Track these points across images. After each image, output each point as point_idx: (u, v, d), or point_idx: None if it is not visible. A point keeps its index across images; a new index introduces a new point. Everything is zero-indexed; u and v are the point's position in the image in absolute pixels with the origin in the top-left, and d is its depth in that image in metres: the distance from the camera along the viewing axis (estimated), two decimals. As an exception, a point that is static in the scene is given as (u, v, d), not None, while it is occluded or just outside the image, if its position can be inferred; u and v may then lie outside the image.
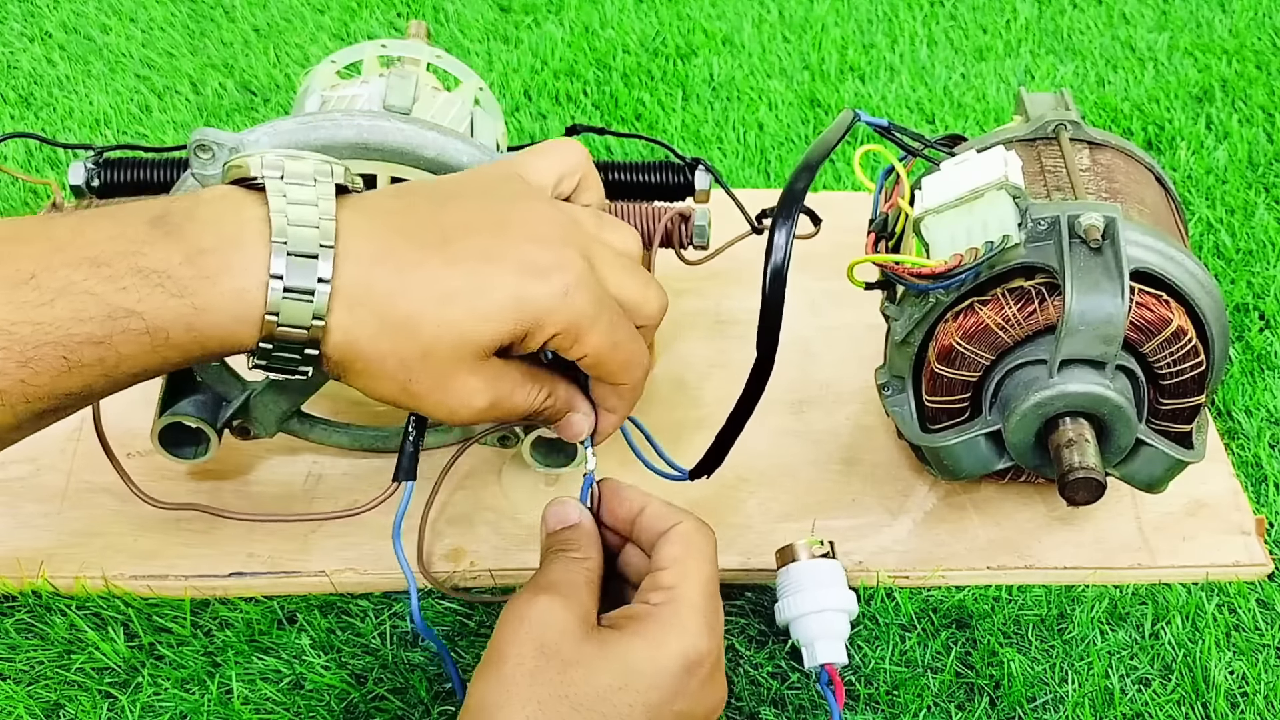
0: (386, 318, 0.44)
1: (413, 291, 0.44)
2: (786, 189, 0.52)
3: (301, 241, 0.43)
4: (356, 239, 0.44)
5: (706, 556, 0.50)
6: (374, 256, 0.44)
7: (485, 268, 0.45)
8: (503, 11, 1.11)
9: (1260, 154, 0.94)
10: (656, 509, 0.51)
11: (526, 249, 0.46)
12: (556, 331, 0.46)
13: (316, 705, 0.58)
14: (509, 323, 0.45)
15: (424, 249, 0.44)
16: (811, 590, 0.58)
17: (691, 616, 0.47)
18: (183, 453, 0.64)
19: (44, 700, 0.59)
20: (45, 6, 1.10)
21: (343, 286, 0.43)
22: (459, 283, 0.44)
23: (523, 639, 0.46)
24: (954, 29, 1.10)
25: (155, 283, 0.41)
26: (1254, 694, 0.60)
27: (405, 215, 0.46)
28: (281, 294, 0.42)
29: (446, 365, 0.45)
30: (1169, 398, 0.60)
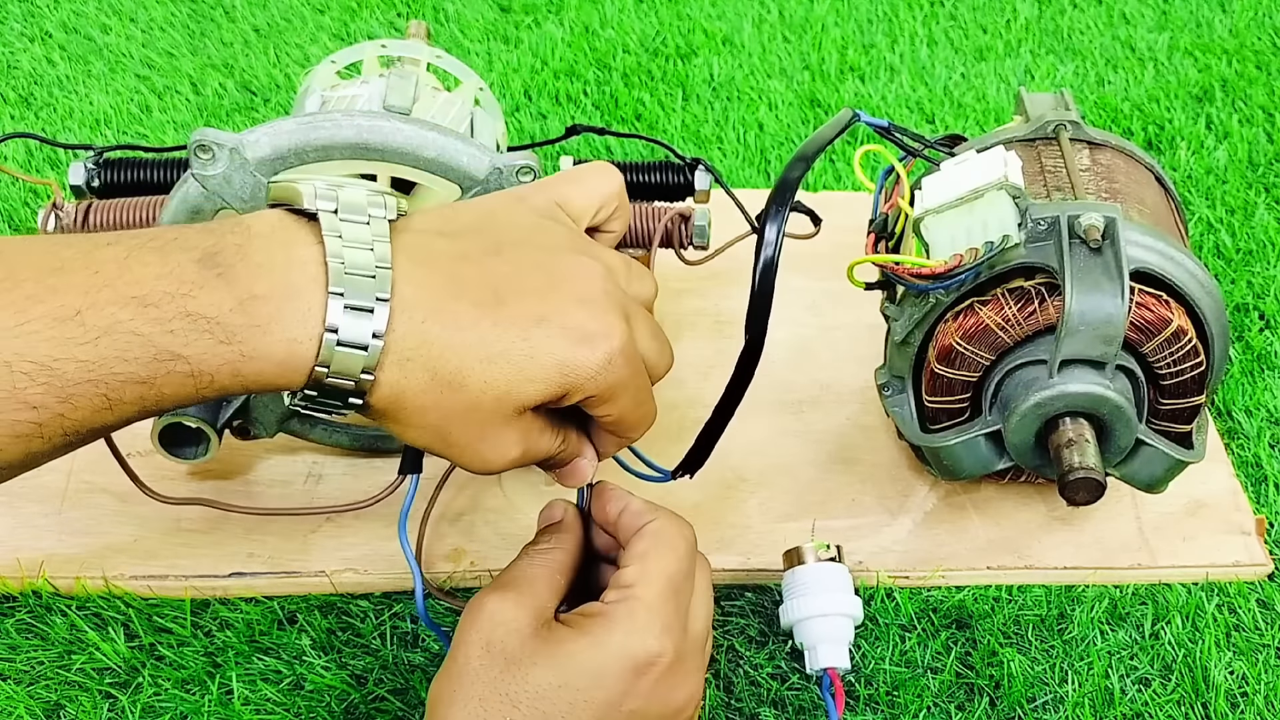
0: (436, 374, 0.43)
1: (464, 351, 0.44)
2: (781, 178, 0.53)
3: (358, 293, 0.42)
4: (411, 290, 0.43)
5: (676, 553, 0.49)
6: (428, 312, 0.43)
7: (535, 331, 0.45)
8: (503, 11, 1.11)
9: (1260, 154, 0.94)
10: (634, 507, 0.52)
11: (574, 314, 0.46)
12: (593, 394, 0.46)
13: (317, 706, 0.58)
14: (553, 385, 0.45)
15: (477, 307, 0.44)
16: (817, 594, 0.58)
17: (645, 615, 0.47)
18: (183, 453, 0.64)
19: (44, 701, 0.59)
20: (45, 6, 1.10)
21: (395, 342, 0.43)
22: (508, 345, 0.44)
23: (472, 637, 0.46)
24: (954, 29, 1.10)
25: (204, 329, 0.40)
26: (1254, 694, 0.60)
27: (458, 265, 0.45)
28: (335, 346, 0.42)
29: (487, 421, 0.45)
30: (1169, 398, 0.60)
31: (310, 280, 0.42)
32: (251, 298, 0.41)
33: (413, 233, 0.46)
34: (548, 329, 0.45)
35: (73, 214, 0.66)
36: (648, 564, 0.49)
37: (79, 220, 0.65)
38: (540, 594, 0.48)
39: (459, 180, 0.58)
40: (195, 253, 0.41)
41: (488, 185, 0.58)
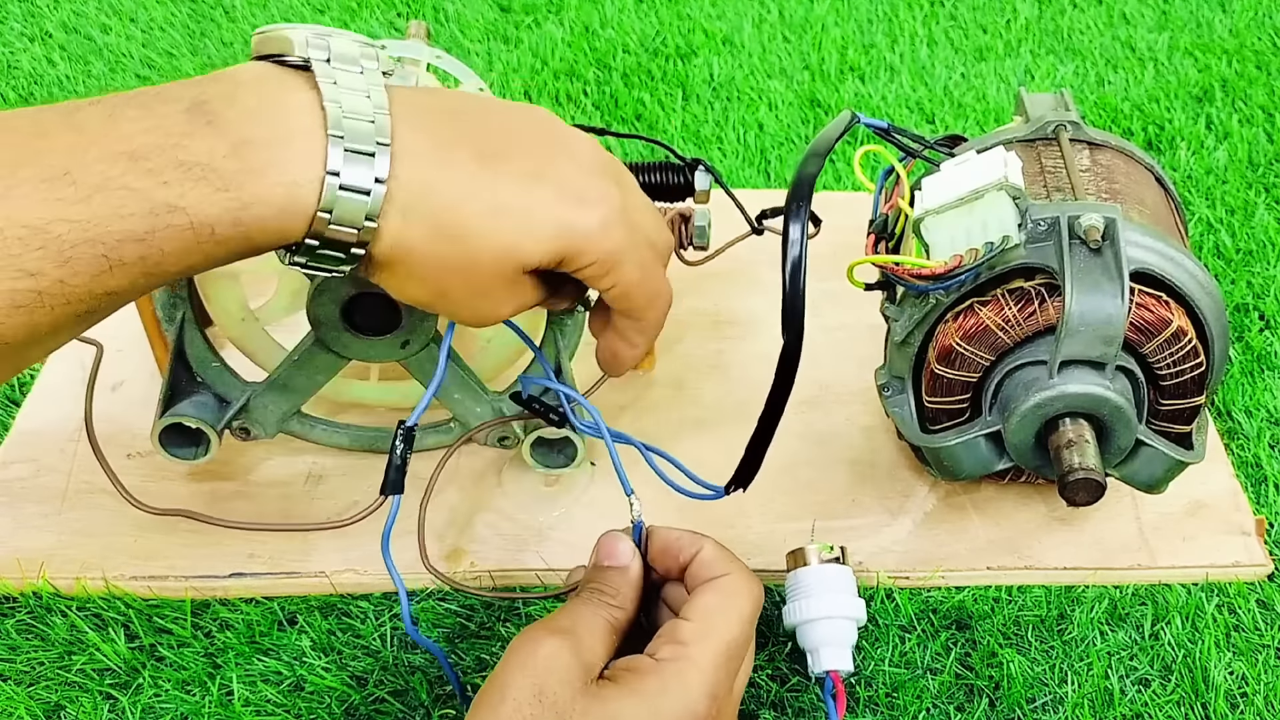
0: (439, 224, 0.43)
1: (466, 201, 0.43)
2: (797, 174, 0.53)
3: (358, 136, 0.41)
4: (411, 137, 0.42)
5: (741, 616, 0.49)
6: (429, 159, 0.43)
7: (535, 187, 0.44)
8: (503, 11, 1.11)
9: (1260, 154, 0.94)
10: (708, 555, 0.51)
11: (572, 175, 0.46)
12: (593, 261, 0.46)
13: (317, 707, 0.59)
14: (551, 243, 0.45)
15: (477, 159, 0.43)
16: (820, 596, 0.57)
17: (697, 681, 0.46)
18: (183, 453, 0.64)
19: (45, 701, 0.59)
20: (45, 6, 1.10)
21: (398, 188, 0.42)
22: (509, 199, 0.44)
23: (524, 681, 0.45)
24: (954, 29, 1.10)
25: (199, 176, 0.39)
26: (1254, 694, 0.60)
27: (456, 119, 0.45)
28: (337, 191, 0.41)
29: (486, 276, 0.45)
30: (1169, 398, 0.60)
31: (307, 124, 0.41)
32: (245, 142, 0.40)
33: (406, 91, 0.45)
34: (545, 187, 0.45)
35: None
36: (711, 624, 0.48)
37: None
38: (596, 650, 0.47)
39: (459, 181, 0.58)
40: (181, 103, 0.40)
41: (488, 186, 0.58)
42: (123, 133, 0.39)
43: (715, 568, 0.50)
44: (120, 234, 0.39)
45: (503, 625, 0.62)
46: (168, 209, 0.39)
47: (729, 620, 0.48)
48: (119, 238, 0.39)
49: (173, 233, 0.39)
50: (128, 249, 0.39)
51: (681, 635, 0.47)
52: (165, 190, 0.39)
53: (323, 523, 0.65)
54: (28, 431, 0.71)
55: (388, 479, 0.53)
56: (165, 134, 0.39)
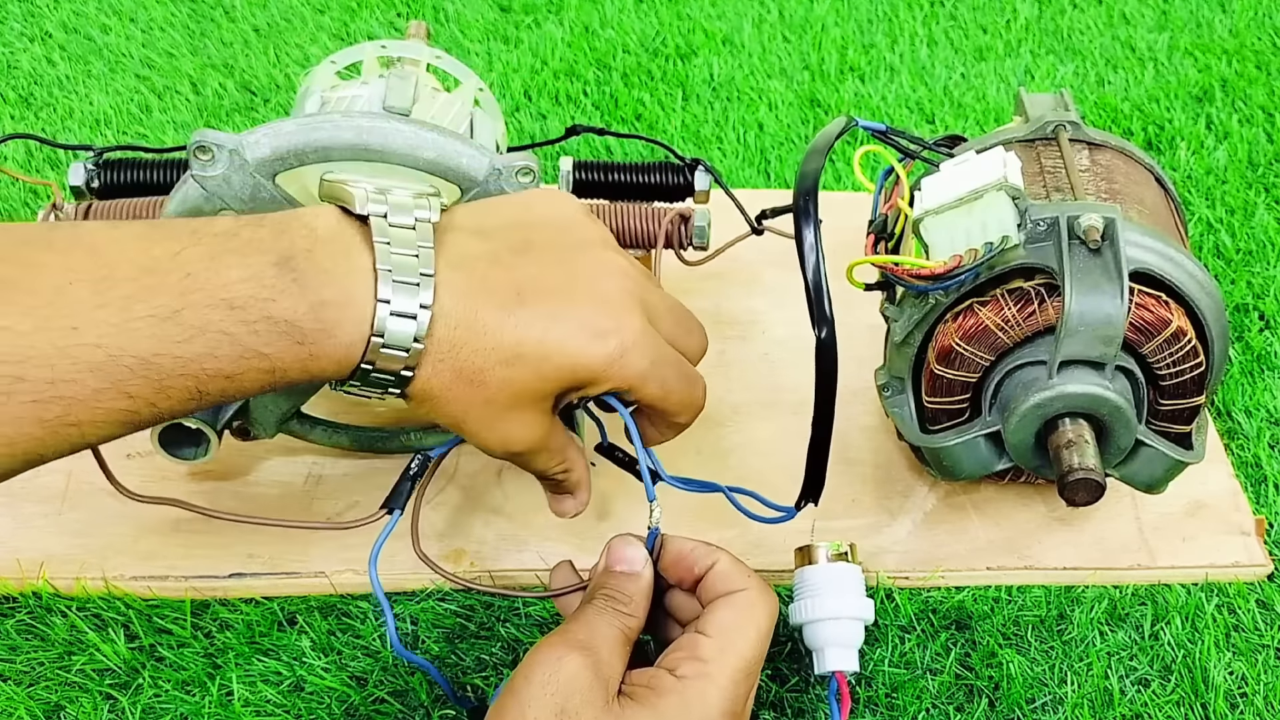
0: (461, 373, 0.47)
1: (487, 354, 0.47)
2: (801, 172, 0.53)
3: (402, 300, 0.46)
4: (451, 299, 0.47)
5: (759, 632, 0.49)
6: (459, 320, 0.47)
7: (554, 328, 0.48)
8: (503, 11, 1.11)
9: (1260, 154, 0.94)
10: (723, 568, 0.51)
11: (589, 312, 0.49)
12: (611, 386, 0.49)
13: (317, 708, 0.59)
14: (566, 379, 0.48)
15: (501, 310, 0.47)
16: (828, 596, 0.56)
17: (717, 699, 0.47)
18: (183, 454, 0.64)
19: (45, 702, 0.59)
20: (45, 6, 1.10)
21: (432, 346, 0.46)
22: (527, 348, 0.47)
23: (546, 699, 0.46)
24: (954, 29, 1.10)
25: (283, 330, 0.44)
26: (1253, 694, 0.60)
27: (489, 269, 0.48)
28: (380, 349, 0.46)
29: (502, 412, 0.49)
30: (1168, 398, 0.60)
31: (365, 291, 0.46)
32: (321, 304, 0.45)
33: (453, 231, 0.49)
34: (564, 326, 0.48)
35: (72, 215, 0.66)
36: (730, 641, 0.48)
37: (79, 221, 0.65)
38: (614, 664, 0.48)
39: (458, 181, 0.58)
40: (272, 255, 0.45)
41: (487, 186, 0.58)
42: (224, 280, 0.44)
43: (732, 581, 0.50)
44: (213, 371, 0.44)
45: (502, 625, 0.62)
46: (255, 355, 0.44)
47: (747, 637, 0.49)
48: (211, 374, 0.44)
49: (254, 373, 0.45)
50: (216, 383, 0.44)
51: (702, 652, 0.48)
52: (255, 339, 0.44)
53: (317, 523, 0.65)
54: (28, 432, 0.71)
55: (394, 493, 0.54)
56: (259, 286, 0.44)
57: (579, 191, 0.71)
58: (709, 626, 0.49)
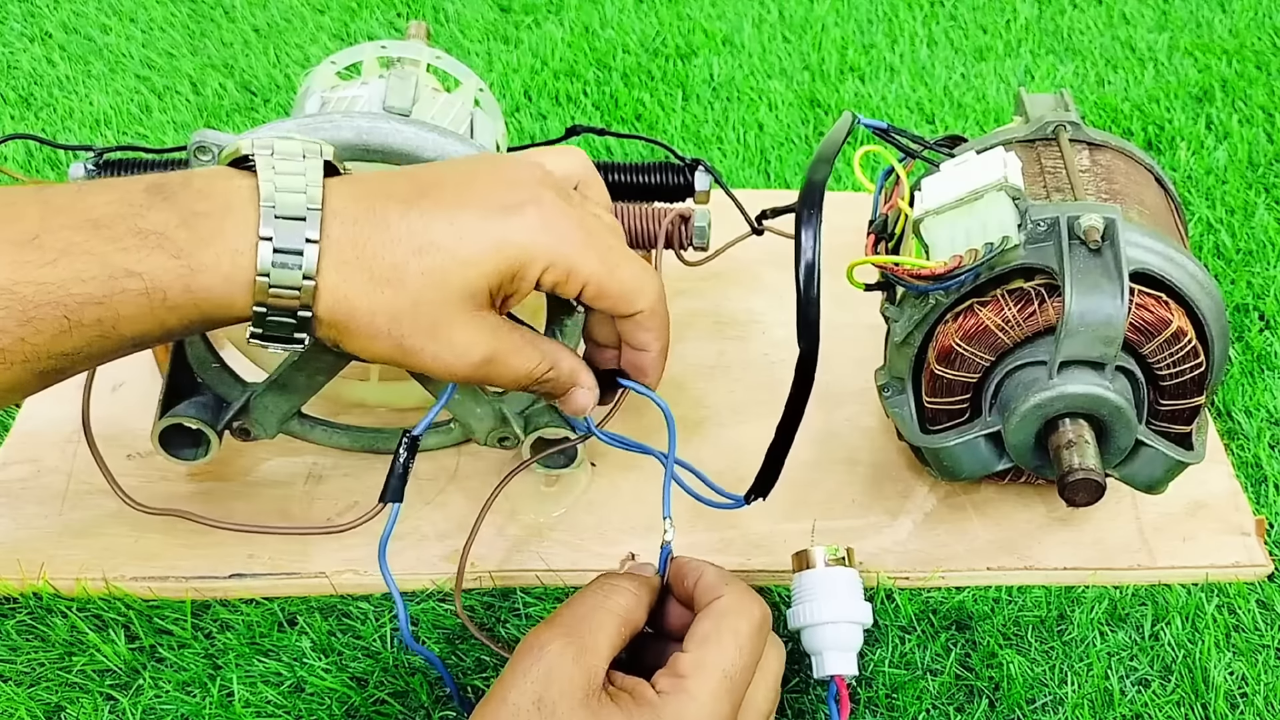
0: (374, 272, 0.44)
1: (395, 244, 0.44)
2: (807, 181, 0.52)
3: (289, 206, 0.44)
4: (342, 201, 0.45)
5: (737, 640, 0.47)
6: (358, 216, 0.45)
7: (460, 213, 0.45)
8: (503, 11, 1.11)
9: (1260, 154, 0.94)
10: (707, 579, 0.50)
11: (499, 191, 0.46)
12: (545, 265, 0.46)
13: (318, 708, 0.59)
14: (492, 264, 0.45)
15: (403, 203, 0.45)
16: (826, 600, 0.57)
17: (694, 713, 0.45)
18: (183, 454, 0.64)
19: (45, 702, 0.59)
20: (45, 6, 1.10)
21: (330, 246, 0.44)
22: (438, 231, 0.45)
23: (526, 688, 0.45)
24: (954, 29, 1.10)
25: (154, 243, 0.42)
26: (1254, 695, 0.60)
27: (388, 180, 0.47)
28: (271, 255, 0.43)
29: (437, 315, 0.45)
30: (1169, 399, 0.60)
31: (246, 200, 0.44)
32: (194, 214, 0.43)
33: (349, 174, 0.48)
34: (470, 209, 0.45)
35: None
36: (706, 653, 0.47)
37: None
38: (599, 650, 0.47)
39: (459, 182, 0.58)
40: (143, 183, 0.44)
41: (487, 187, 0.58)
42: (88, 204, 0.42)
43: (711, 591, 0.50)
44: (81, 296, 0.41)
45: (503, 626, 0.63)
46: (125, 273, 0.42)
47: (723, 646, 0.47)
48: (80, 300, 0.42)
49: (129, 297, 0.42)
50: (87, 311, 0.42)
51: (679, 667, 0.47)
52: (124, 255, 0.42)
53: (320, 526, 0.65)
54: (28, 432, 0.71)
55: (388, 486, 0.53)
56: (127, 205, 0.42)
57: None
58: (689, 641, 0.48)
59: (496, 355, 0.47)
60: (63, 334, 0.42)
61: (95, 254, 0.41)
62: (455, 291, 0.45)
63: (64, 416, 0.71)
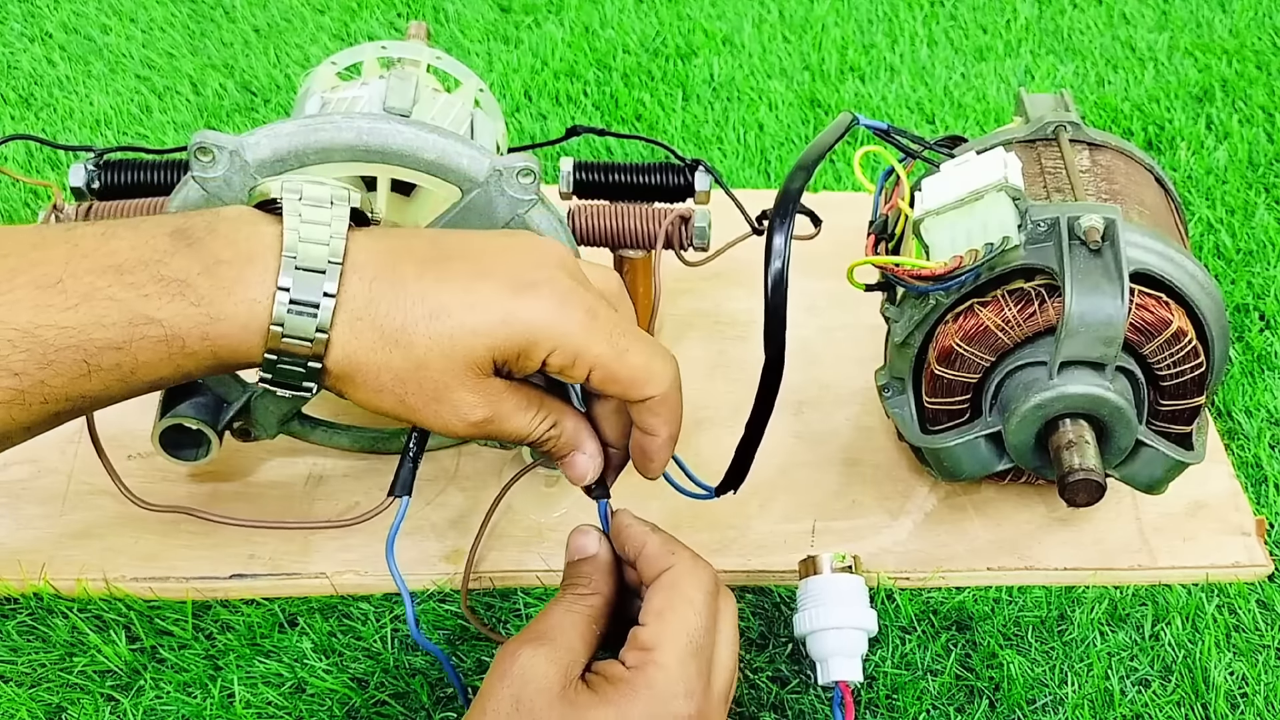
0: (384, 331, 0.45)
1: (408, 306, 0.45)
2: (782, 189, 0.52)
3: (310, 257, 0.44)
4: (364, 255, 0.45)
5: (694, 606, 0.48)
6: (376, 272, 0.45)
7: (478, 283, 0.46)
8: (503, 11, 1.11)
9: (1260, 154, 0.94)
10: (651, 550, 0.50)
11: (518, 267, 0.47)
12: (551, 347, 0.46)
13: (318, 709, 0.59)
14: (499, 338, 0.45)
15: (422, 265, 0.46)
16: (832, 606, 0.57)
17: (665, 682, 0.46)
18: (184, 454, 0.64)
19: (46, 703, 0.59)
20: (45, 6, 1.10)
21: (346, 301, 0.44)
22: (451, 298, 0.45)
23: (503, 693, 0.46)
24: (954, 29, 1.10)
25: (175, 291, 0.42)
26: (1254, 695, 0.60)
27: (411, 238, 0.47)
28: (288, 306, 0.44)
29: (440, 379, 0.46)
30: (1169, 399, 0.60)
31: (268, 249, 0.44)
32: (217, 263, 0.43)
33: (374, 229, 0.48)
34: (488, 281, 0.46)
35: (73, 216, 0.66)
36: (665, 623, 0.47)
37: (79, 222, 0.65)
38: (574, 647, 0.47)
39: (458, 182, 0.58)
40: (167, 227, 0.44)
41: (487, 187, 0.58)
42: (112, 248, 0.43)
43: (659, 562, 0.50)
44: (101, 341, 0.42)
45: (503, 627, 0.63)
46: (145, 320, 0.42)
47: (682, 615, 0.48)
48: (100, 344, 0.42)
49: (148, 343, 0.43)
50: (106, 355, 0.42)
51: (642, 640, 0.47)
52: (145, 302, 0.42)
53: (325, 521, 0.65)
54: (28, 433, 0.71)
55: (398, 479, 0.53)
56: (151, 250, 0.43)
57: (579, 192, 0.71)
58: (644, 615, 0.48)
59: (496, 415, 0.48)
60: (81, 377, 0.42)
61: (117, 300, 0.42)
62: (460, 359, 0.45)
63: (64, 417, 0.71)
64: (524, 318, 0.46)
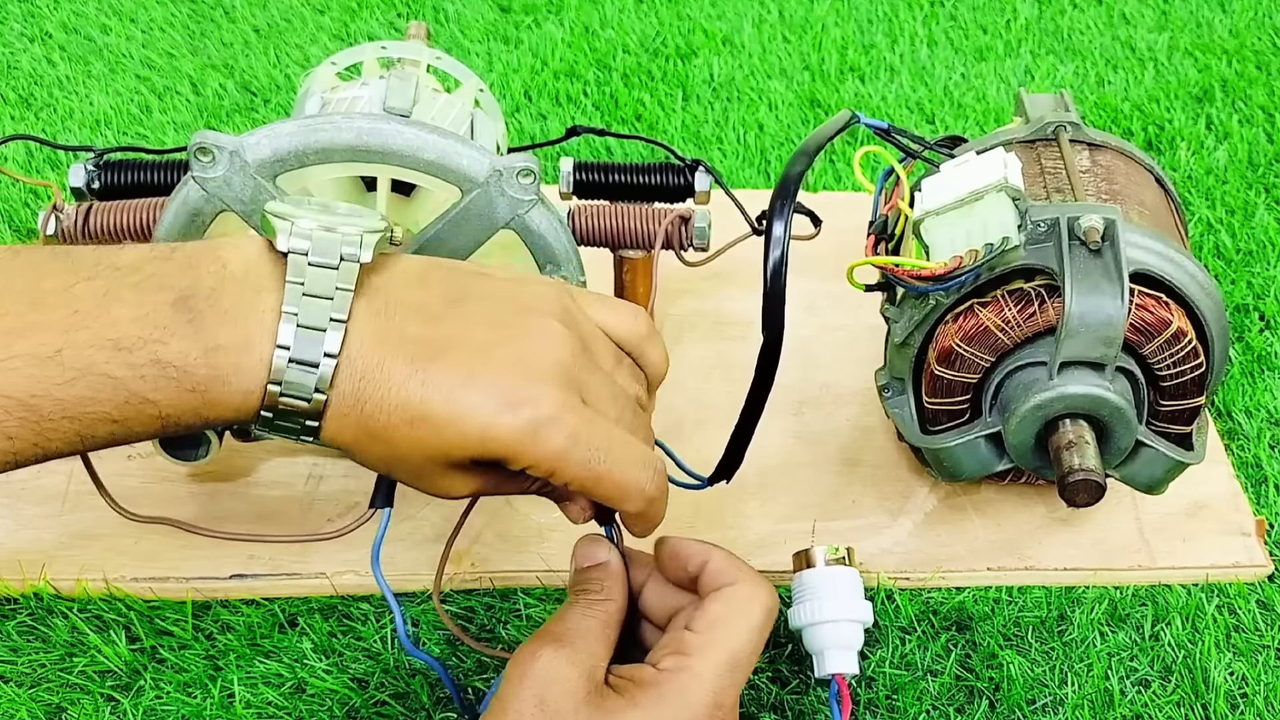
0: (367, 429, 0.44)
1: (390, 412, 0.44)
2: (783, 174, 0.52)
3: (305, 348, 0.43)
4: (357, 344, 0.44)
5: (749, 625, 0.48)
6: (364, 371, 0.44)
7: (460, 392, 0.44)
8: (503, 12, 1.11)
9: (1260, 154, 0.94)
10: (719, 564, 0.50)
11: (506, 376, 0.45)
12: (529, 464, 0.45)
13: (318, 710, 0.59)
14: (474, 451, 0.45)
15: (411, 364, 0.44)
16: (826, 599, 0.57)
17: (697, 690, 0.46)
18: (183, 455, 0.64)
19: (46, 704, 0.59)
20: (45, 6, 1.10)
21: (336, 398, 0.44)
22: (431, 408, 0.44)
23: (525, 694, 0.45)
24: (954, 29, 1.10)
25: (172, 376, 0.42)
26: (1254, 695, 0.60)
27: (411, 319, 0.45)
28: (279, 396, 0.43)
29: (423, 469, 0.46)
30: (1169, 399, 0.60)
31: (267, 330, 0.43)
32: (216, 348, 0.42)
33: (388, 273, 0.46)
34: (473, 391, 0.44)
35: (73, 216, 0.66)
36: (715, 635, 0.47)
37: (79, 222, 0.65)
38: (594, 651, 0.47)
39: (458, 182, 0.58)
40: (171, 293, 0.43)
41: (488, 187, 0.58)
42: (113, 318, 0.42)
43: (724, 577, 0.50)
44: (96, 415, 0.42)
45: (504, 628, 0.63)
46: (141, 400, 0.42)
47: (734, 630, 0.48)
48: (95, 418, 0.42)
49: (142, 419, 0.43)
50: (100, 427, 0.42)
51: (685, 646, 0.47)
52: (141, 384, 0.42)
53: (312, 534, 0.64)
54: (28, 433, 0.71)
55: (378, 492, 0.53)
56: (151, 326, 0.42)
57: (579, 192, 0.71)
58: (697, 621, 0.48)
59: (485, 488, 0.48)
60: (74, 444, 0.43)
61: (114, 378, 0.41)
62: (439, 460, 0.45)
63: (64, 417, 0.71)
64: (502, 438, 0.44)
